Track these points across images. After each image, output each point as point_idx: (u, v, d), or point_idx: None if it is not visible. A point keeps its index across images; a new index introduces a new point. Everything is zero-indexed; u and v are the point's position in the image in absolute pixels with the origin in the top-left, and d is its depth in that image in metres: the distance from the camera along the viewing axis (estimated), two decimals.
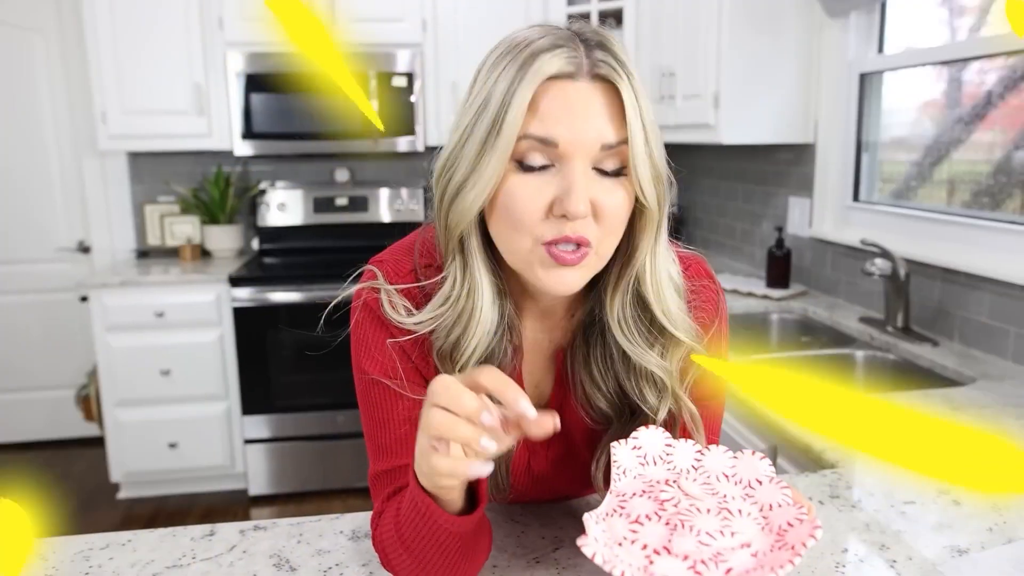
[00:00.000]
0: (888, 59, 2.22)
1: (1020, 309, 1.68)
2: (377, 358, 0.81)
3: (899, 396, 1.50)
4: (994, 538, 0.95)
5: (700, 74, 2.49)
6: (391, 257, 0.85)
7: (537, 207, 0.71)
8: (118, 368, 2.97)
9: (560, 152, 0.70)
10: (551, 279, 0.74)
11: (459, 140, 0.74)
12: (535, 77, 0.69)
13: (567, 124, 0.70)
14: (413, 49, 3.16)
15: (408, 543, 0.73)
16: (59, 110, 3.48)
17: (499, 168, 0.71)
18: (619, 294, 0.79)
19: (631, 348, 0.80)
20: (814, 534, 0.63)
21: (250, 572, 0.86)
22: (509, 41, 0.74)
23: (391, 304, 0.80)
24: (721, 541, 0.66)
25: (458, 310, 0.78)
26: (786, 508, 0.69)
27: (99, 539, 0.94)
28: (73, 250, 3.56)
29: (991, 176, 1.89)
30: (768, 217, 2.78)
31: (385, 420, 0.81)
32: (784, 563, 0.61)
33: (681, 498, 0.71)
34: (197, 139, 3.15)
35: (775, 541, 0.66)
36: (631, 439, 0.76)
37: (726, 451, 0.77)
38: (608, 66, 0.71)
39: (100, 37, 3.00)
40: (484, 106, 0.71)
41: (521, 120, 0.69)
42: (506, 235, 0.74)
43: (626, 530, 0.67)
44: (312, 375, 3.05)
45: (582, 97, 0.70)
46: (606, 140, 0.71)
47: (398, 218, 3.53)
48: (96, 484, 3.27)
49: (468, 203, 0.73)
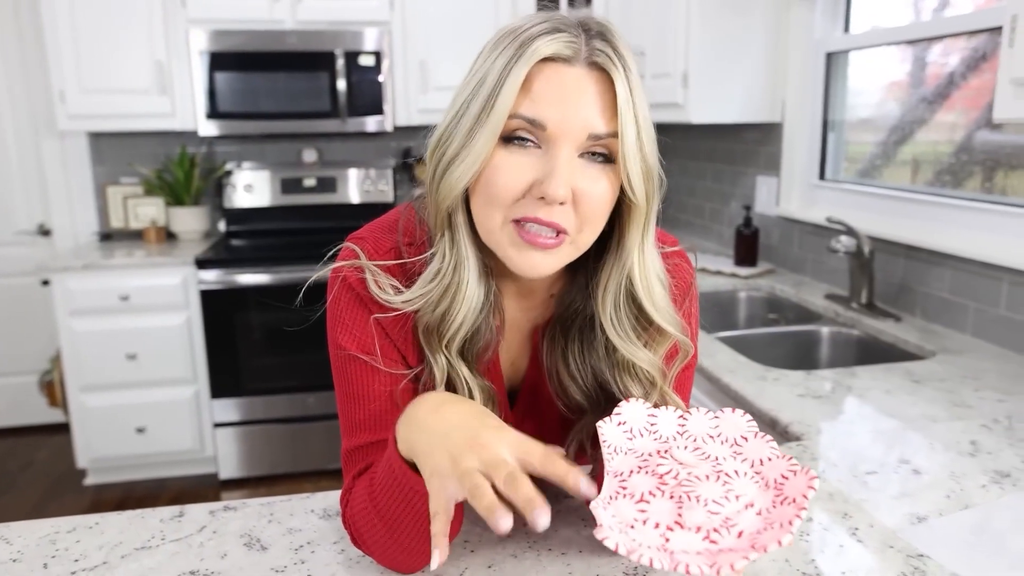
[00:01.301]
0: (854, 38, 2.24)
1: (979, 285, 1.72)
2: (355, 334, 0.81)
3: (862, 371, 1.53)
4: (951, 505, 0.98)
5: (669, 53, 2.49)
6: (371, 235, 0.84)
7: (517, 184, 0.72)
8: (83, 353, 2.92)
9: (548, 134, 0.71)
10: (523, 261, 0.74)
11: (454, 116, 0.74)
12: (531, 57, 0.69)
13: (557, 107, 0.70)
14: (381, 27, 3.12)
15: (383, 511, 0.73)
16: (15, 89, 3.39)
17: (488, 145, 0.71)
18: (611, 293, 0.80)
19: (623, 345, 0.80)
20: (812, 484, 0.65)
21: (221, 552, 0.86)
22: (512, 24, 0.74)
23: (377, 283, 0.79)
24: (728, 507, 0.67)
25: (445, 284, 0.78)
26: (777, 461, 0.71)
27: (65, 522, 0.93)
28: (33, 233, 3.49)
29: (953, 155, 1.93)
30: (737, 196, 2.80)
31: (361, 396, 0.81)
32: (792, 518, 0.62)
33: (678, 469, 0.71)
34: (160, 119, 3.09)
35: (775, 496, 0.67)
36: (615, 415, 0.77)
37: (707, 412, 0.78)
38: (606, 56, 0.71)
39: (57, 12, 2.91)
40: (480, 84, 0.72)
41: (513, 99, 0.70)
42: (481, 211, 0.75)
43: (635, 511, 0.68)
44: (281, 357, 3.02)
45: (576, 83, 0.70)
46: (594, 130, 0.71)
47: (367, 199, 3.50)
48: (62, 471, 3.23)
49: (456, 178, 0.73)
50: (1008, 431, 1.22)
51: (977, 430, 1.22)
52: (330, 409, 3.06)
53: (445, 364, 0.80)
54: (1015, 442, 1.17)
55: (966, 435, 1.20)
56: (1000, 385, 1.43)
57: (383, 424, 0.80)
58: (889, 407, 1.33)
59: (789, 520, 0.62)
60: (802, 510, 0.63)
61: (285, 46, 3.05)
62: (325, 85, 3.11)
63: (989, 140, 1.81)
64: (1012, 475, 1.06)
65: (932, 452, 1.14)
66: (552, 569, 0.82)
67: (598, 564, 0.83)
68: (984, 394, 1.39)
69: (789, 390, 1.42)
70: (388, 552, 0.78)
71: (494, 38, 0.74)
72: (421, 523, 0.73)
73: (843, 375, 1.51)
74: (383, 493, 0.73)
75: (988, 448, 1.15)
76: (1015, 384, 1.44)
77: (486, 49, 0.74)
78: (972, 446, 1.16)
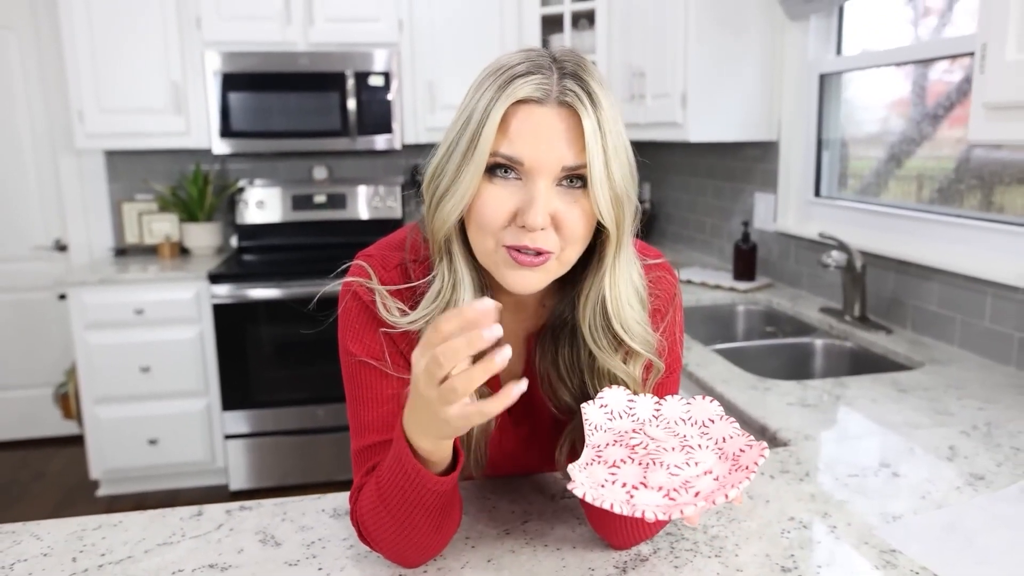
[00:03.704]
0: (846, 60, 2.31)
1: (965, 298, 1.77)
2: (364, 342, 0.88)
3: (851, 381, 1.59)
4: (926, 505, 1.03)
5: (668, 74, 2.57)
6: (379, 252, 0.91)
7: (501, 214, 0.79)
8: (98, 365, 2.99)
9: (526, 169, 0.78)
10: (515, 279, 0.81)
11: (445, 152, 0.81)
12: (506, 100, 0.76)
13: (531, 145, 0.77)
14: (390, 49, 3.21)
15: (391, 506, 0.79)
16: (35, 108, 3.49)
17: (475, 182, 0.78)
18: (590, 304, 0.86)
19: (599, 353, 0.87)
20: (763, 453, 0.73)
21: (237, 547, 0.92)
22: (496, 63, 0.81)
23: (384, 307, 0.86)
24: (687, 471, 0.75)
25: (445, 301, 0.85)
26: (737, 438, 0.78)
27: (90, 520, 1.00)
28: (50, 248, 3.58)
29: (953, 172, 1.98)
30: (736, 212, 2.86)
31: (370, 399, 0.88)
32: (741, 480, 0.70)
33: (648, 442, 0.80)
34: (175, 138, 3.18)
35: (731, 465, 0.75)
36: (598, 399, 0.84)
37: (680, 399, 0.85)
38: (574, 95, 0.77)
39: (76, 35, 3.02)
40: (466, 123, 0.79)
41: (493, 138, 0.77)
42: (475, 236, 0.82)
43: (606, 474, 0.76)
44: (291, 370, 3.09)
45: (547, 121, 0.77)
46: (566, 163, 0.78)
47: (376, 215, 3.58)
48: (76, 481, 3.30)
49: (447, 212, 0.81)
50: (986, 437, 1.27)
51: (957, 436, 1.28)
52: (339, 421, 3.13)
53: None
54: (992, 447, 1.23)
55: (946, 441, 1.26)
56: (982, 394, 1.49)
57: (390, 425, 0.86)
58: (875, 415, 1.39)
59: (739, 481, 0.70)
60: (752, 473, 0.70)
61: (297, 67, 3.14)
62: (335, 104, 3.19)
63: (984, 158, 1.87)
64: (986, 477, 1.11)
65: (912, 456, 1.20)
66: (548, 563, 0.88)
67: (591, 559, 0.89)
68: (966, 402, 1.44)
69: (780, 399, 1.47)
70: (396, 546, 0.84)
71: (480, 76, 0.81)
72: (431, 517, 0.80)
73: (833, 385, 1.56)
74: (391, 488, 0.79)
75: (965, 453, 1.21)
76: (996, 393, 1.49)
77: (472, 87, 0.81)
78: (951, 451, 1.21)
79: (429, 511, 0.79)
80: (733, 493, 0.68)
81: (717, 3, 2.44)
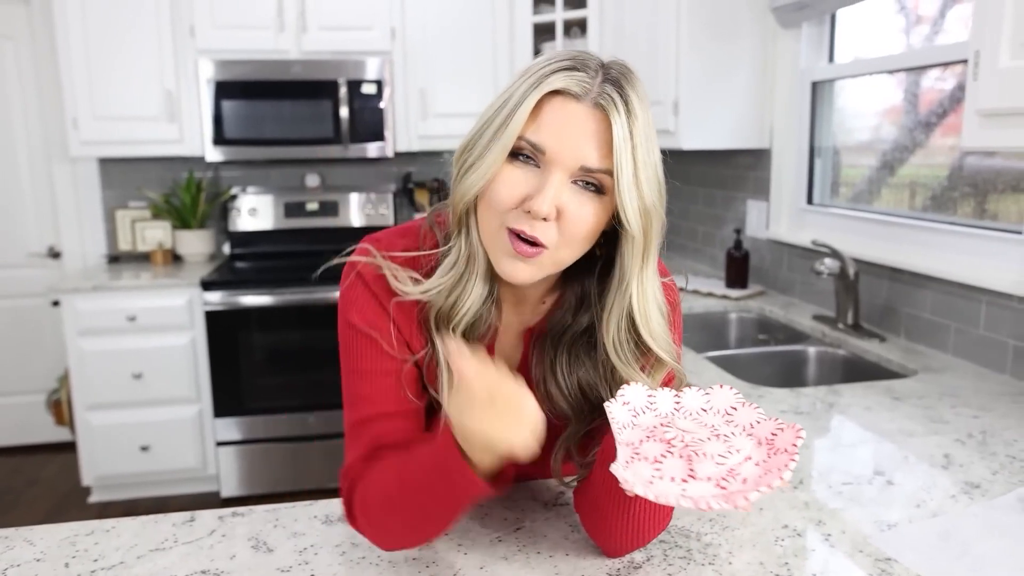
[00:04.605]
0: (838, 68, 2.32)
1: (959, 306, 1.78)
2: (365, 314, 0.89)
3: (844, 388, 1.59)
4: (921, 513, 1.03)
5: (660, 82, 2.58)
6: (386, 236, 0.93)
7: (512, 196, 0.80)
8: (90, 372, 2.98)
9: (546, 158, 0.79)
10: (507, 266, 0.83)
11: (479, 127, 0.83)
12: (544, 87, 0.78)
13: (557, 137, 0.78)
14: (382, 57, 3.21)
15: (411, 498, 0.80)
16: (30, 116, 3.48)
17: (499, 159, 0.80)
18: (615, 318, 0.86)
19: (623, 368, 0.87)
20: (800, 435, 0.74)
21: (230, 553, 0.92)
22: (546, 57, 0.83)
23: (396, 278, 0.87)
24: (731, 459, 0.76)
25: (459, 273, 0.86)
26: (765, 423, 0.79)
27: (83, 526, 0.99)
28: (43, 255, 3.56)
29: (946, 180, 1.99)
30: (728, 220, 2.87)
31: (366, 370, 0.88)
32: (786, 464, 0.71)
33: (682, 434, 0.80)
34: (168, 145, 3.17)
35: (768, 449, 0.76)
36: (619, 396, 0.84)
37: (698, 390, 0.86)
38: (610, 99, 0.78)
39: (72, 43, 3.02)
40: (504, 104, 0.81)
41: (523, 122, 0.78)
42: (483, 214, 0.83)
43: (651, 470, 0.76)
44: (283, 377, 3.08)
45: (578, 118, 0.78)
46: (587, 163, 0.78)
47: (368, 222, 3.58)
48: (68, 488, 3.27)
49: (470, 183, 0.82)
50: (981, 445, 1.27)
51: (951, 444, 1.28)
52: (330, 428, 3.12)
53: None
54: (987, 456, 1.23)
55: (940, 449, 1.26)
56: (976, 402, 1.49)
57: (387, 398, 0.88)
58: (868, 423, 1.39)
59: (785, 464, 0.71)
60: (795, 455, 0.72)
61: (290, 75, 3.14)
62: (328, 112, 3.19)
63: (977, 165, 1.88)
64: (982, 486, 1.12)
65: (906, 465, 1.20)
66: (540, 570, 0.88)
67: (583, 566, 0.88)
68: (960, 410, 1.44)
69: (773, 407, 1.47)
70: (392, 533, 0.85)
71: (524, 67, 0.83)
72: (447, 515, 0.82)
73: (826, 393, 1.56)
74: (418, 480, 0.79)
75: (960, 461, 1.21)
76: (990, 401, 1.50)
77: (516, 75, 0.84)
78: (945, 459, 1.22)
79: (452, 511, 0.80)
80: (787, 475, 0.69)
81: (709, 11, 2.45)
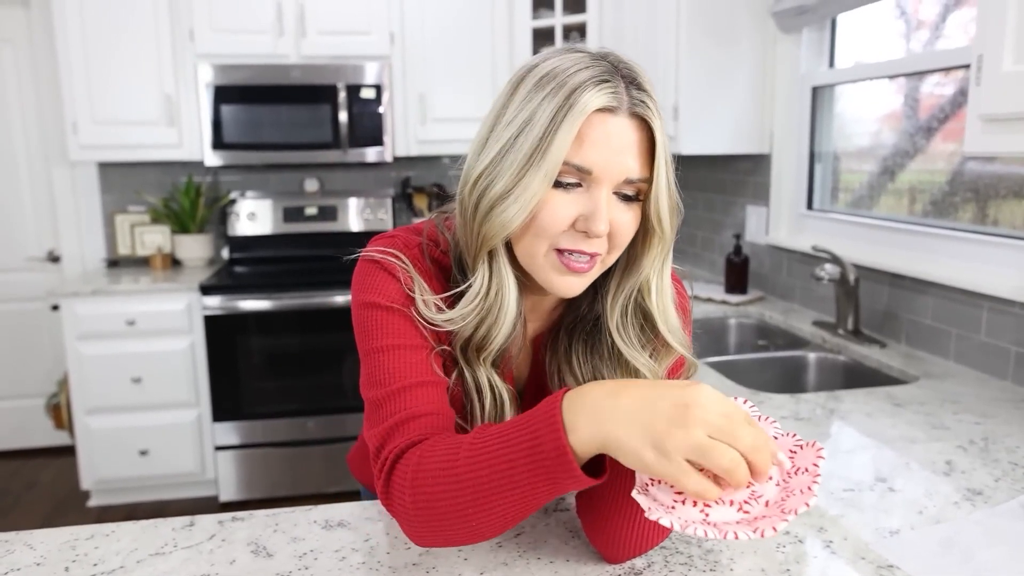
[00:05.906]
0: (838, 73, 2.33)
1: (961, 312, 1.78)
2: (385, 294, 0.85)
3: (845, 394, 1.58)
4: (924, 520, 1.03)
5: (660, 87, 2.58)
6: (401, 234, 0.91)
7: (564, 220, 0.80)
8: (89, 376, 2.97)
9: (592, 178, 0.78)
10: (561, 283, 0.83)
11: (498, 153, 0.79)
12: (584, 109, 0.76)
13: (603, 155, 0.78)
14: (381, 61, 3.22)
15: (486, 471, 0.71)
16: (29, 120, 3.48)
17: (544, 188, 0.78)
18: (620, 301, 0.88)
19: (626, 349, 0.88)
20: (821, 454, 0.73)
21: (230, 558, 0.91)
22: (546, 66, 0.79)
23: (423, 301, 0.85)
24: None
25: (487, 305, 0.85)
26: (783, 439, 0.78)
27: (83, 530, 0.98)
28: (43, 259, 3.56)
29: (946, 185, 1.99)
30: (728, 225, 2.87)
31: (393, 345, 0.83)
32: (809, 485, 0.70)
33: None
34: (167, 150, 3.17)
35: (790, 468, 0.74)
36: None
37: None
38: (644, 106, 0.79)
39: (71, 47, 3.02)
40: (526, 127, 0.78)
41: (567, 148, 0.76)
42: (527, 241, 0.82)
43: (671, 494, 0.74)
44: (282, 382, 3.08)
45: (620, 132, 0.78)
46: (631, 175, 0.79)
47: (367, 227, 3.57)
48: (66, 492, 3.27)
49: (509, 216, 0.79)
50: (983, 452, 1.27)
51: (953, 451, 1.27)
52: (329, 433, 3.12)
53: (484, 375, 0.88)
54: (989, 462, 1.22)
55: (942, 455, 1.25)
56: (978, 408, 1.49)
57: (417, 370, 0.83)
58: (869, 429, 1.38)
59: (808, 486, 0.70)
60: (817, 476, 0.70)
61: (289, 80, 3.14)
62: (327, 117, 3.19)
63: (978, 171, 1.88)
64: (984, 493, 1.11)
65: (908, 471, 1.19)
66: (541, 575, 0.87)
67: (584, 572, 0.88)
68: (962, 417, 1.44)
69: (773, 413, 1.47)
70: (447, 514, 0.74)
71: (532, 77, 0.79)
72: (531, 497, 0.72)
73: (827, 399, 1.56)
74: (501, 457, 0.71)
75: (963, 468, 1.20)
76: (992, 407, 1.49)
77: (524, 87, 0.80)
78: (947, 466, 1.21)
79: (532, 500, 0.71)
80: (813, 501, 0.67)
81: (709, 16, 2.45)
